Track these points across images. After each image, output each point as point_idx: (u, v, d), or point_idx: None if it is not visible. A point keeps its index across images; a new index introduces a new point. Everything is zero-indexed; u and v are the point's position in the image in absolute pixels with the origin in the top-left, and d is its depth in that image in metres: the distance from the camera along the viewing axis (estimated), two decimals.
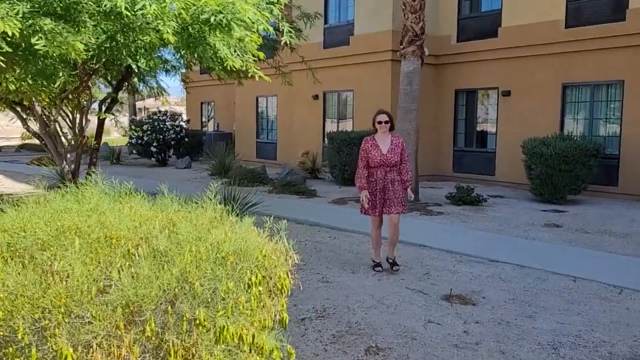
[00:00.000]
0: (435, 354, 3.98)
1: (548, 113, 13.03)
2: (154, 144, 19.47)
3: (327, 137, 15.05)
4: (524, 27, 13.27)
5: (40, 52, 5.21)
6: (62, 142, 7.93)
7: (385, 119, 6.06)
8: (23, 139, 24.05)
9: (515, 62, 13.65)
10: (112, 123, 10.08)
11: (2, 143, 30.29)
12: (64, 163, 7.74)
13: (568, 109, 12.93)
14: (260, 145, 20.11)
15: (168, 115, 20.18)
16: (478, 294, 5.38)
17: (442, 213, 9.81)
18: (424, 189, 12.36)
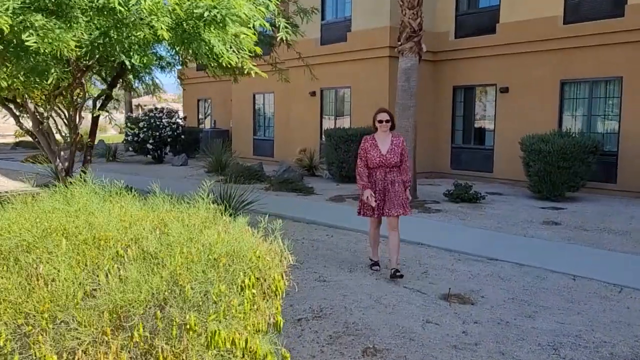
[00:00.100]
0: (434, 355, 3.91)
1: (546, 110, 12.96)
2: (150, 141, 19.36)
3: (324, 134, 14.96)
4: (522, 23, 13.18)
5: (32, 48, 5.12)
6: (55, 139, 7.84)
7: (386, 118, 5.83)
8: (16, 137, 23.83)
9: (514, 58, 13.57)
10: (108, 120, 9.97)
11: None
12: (57, 161, 7.65)
13: (566, 106, 12.86)
14: (257, 143, 20.02)
15: (164, 112, 20.06)
16: (477, 293, 5.32)
17: (440, 210, 9.74)
18: (422, 186, 12.29)
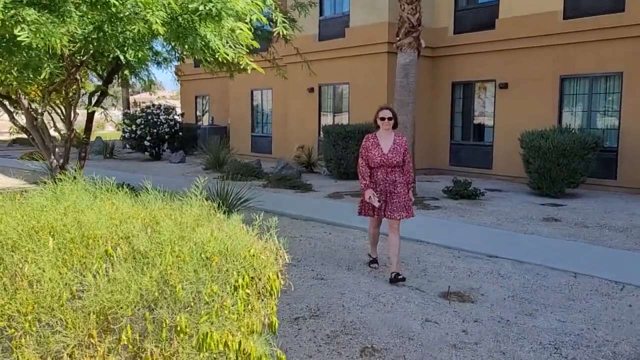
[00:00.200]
0: (433, 355, 3.84)
1: (546, 105, 12.88)
2: (148, 138, 19.24)
3: (322, 130, 14.88)
4: (522, 18, 13.08)
5: (24, 43, 5.02)
6: (50, 135, 7.75)
7: (389, 115, 5.57)
8: (10, 134, 23.60)
9: (513, 54, 13.47)
10: (103, 117, 9.89)
11: None
12: (52, 157, 7.56)
13: (566, 102, 12.78)
14: (255, 139, 19.92)
15: (162, 109, 19.94)
16: (476, 291, 5.24)
17: (439, 207, 9.67)
18: (421, 183, 12.22)
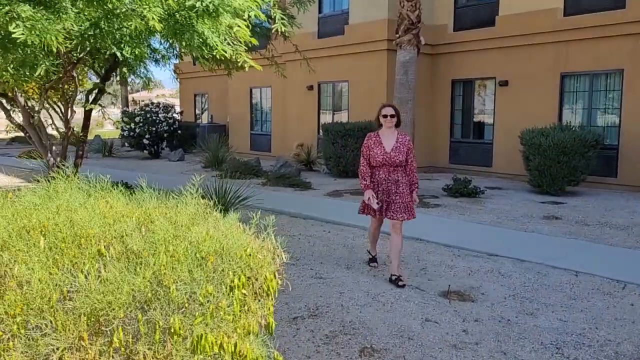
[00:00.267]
0: (433, 355, 3.78)
1: (546, 103, 12.81)
2: (147, 136, 19.17)
3: (322, 128, 14.81)
4: (522, 15, 13.02)
5: (19, 40, 4.96)
6: (46, 133, 7.69)
7: (391, 113, 5.46)
8: (7, 132, 23.46)
9: (513, 51, 13.41)
10: (101, 115, 9.81)
11: None
12: (49, 155, 7.50)
13: (566, 99, 12.72)
14: (255, 137, 19.86)
15: (161, 107, 19.86)
16: (477, 290, 5.19)
17: (438, 205, 9.61)
18: (421, 181, 12.08)
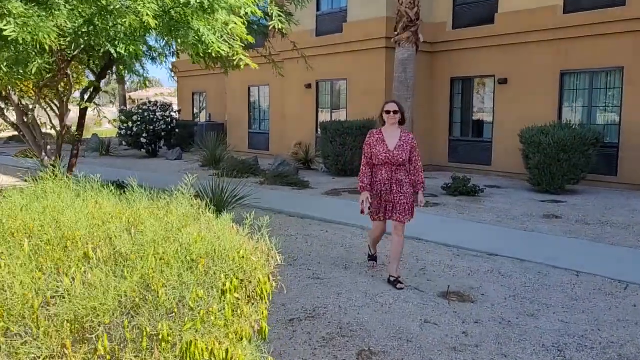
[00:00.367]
0: (433, 358, 3.70)
1: (546, 101, 12.73)
2: (144, 135, 19.06)
3: (320, 127, 14.72)
4: (521, 13, 12.93)
5: (11, 38, 4.87)
6: (41, 132, 7.59)
7: (394, 109, 5.31)
8: (1, 130, 23.29)
9: (513, 49, 13.32)
10: (99, 113, 9.71)
11: None
12: (44, 155, 7.40)
13: (566, 97, 12.63)
14: (253, 136, 19.76)
15: (158, 106, 19.76)
16: (477, 291, 5.11)
17: (437, 204, 9.53)
18: None
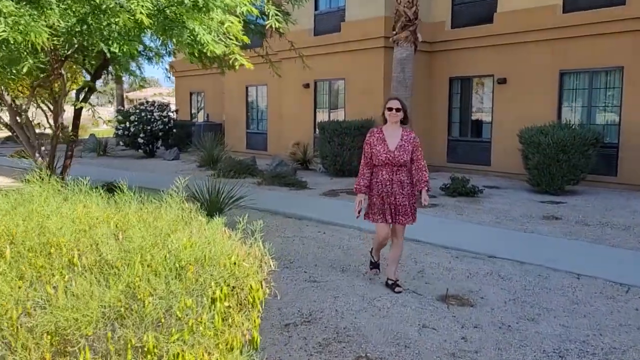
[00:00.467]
0: None
1: (545, 101, 12.65)
2: (141, 135, 18.95)
3: (318, 127, 14.63)
4: (520, 12, 12.85)
5: (1, 37, 4.78)
6: (35, 133, 7.50)
7: (397, 106, 5.03)
8: None
9: (512, 48, 13.23)
10: (100, 114, 9.61)
11: None
12: (37, 156, 7.31)
13: (566, 97, 12.55)
14: (250, 136, 19.66)
15: (155, 106, 19.66)
16: (476, 294, 5.03)
17: (436, 205, 9.44)
18: None
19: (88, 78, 10.20)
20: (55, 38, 5.93)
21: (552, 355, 3.76)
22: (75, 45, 6.63)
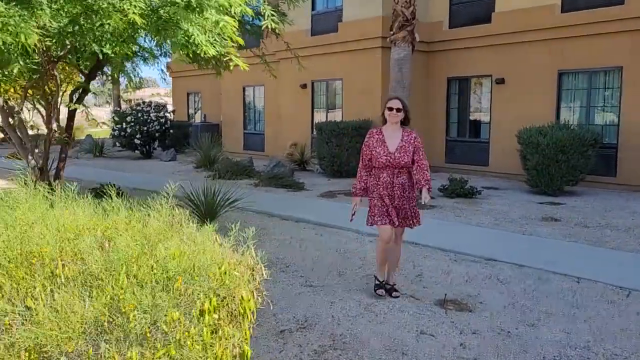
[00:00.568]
0: None
1: (544, 101, 12.58)
2: (138, 136, 18.85)
3: (315, 127, 14.55)
4: (519, 12, 12.78)
5: None
6: (28, 135, 7.41)
7: (398, 106, 4.87)
8: None
9: (510, 48, 13.16)
10: (100, 116, 9.53)
11: None
12: (30, 158, 7.22)
13: (564, 97, 12.47)
14: (248, 137, 19.57)
15: (152, 107, 19.55)
16: (474, 299, 4.94)
17: (434, 206, 9.36)
18: None
19: (83, 79, 10.12)
20: (48, 39, 5.84)
21: None
22: (68, 46, 6.54)
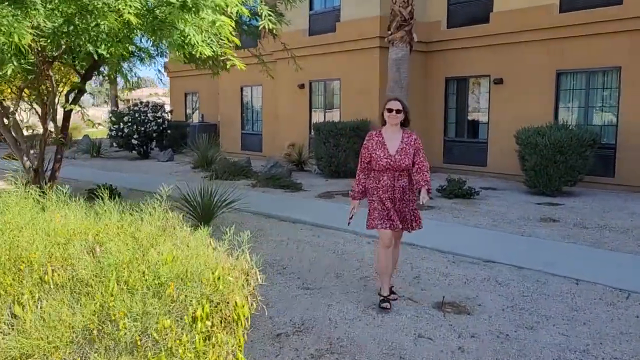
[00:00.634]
0: None
1: (542, 101, 12.55)
2: (135, 136, 18.78)
3: (313, 127, 14.50)
4: (517, 12, 12.74)
5: None
6: (23, 136, 7.35)
7: (397, 107, 4.73)
8: None
9: (508, 48, 13.13)
10: (97, 116, 9.46)
11: None
12: (25, 159, 7.16)
13: (563, 97, 12.44)
14: (245, 137, 19.52)
15: (149, 107, 19.48)
16: (473, 301, 4.90)
17: (432, 207, 9.32)
18: None
19: (79, 79, 10.04)
20: (42, 39, 5.78)
21: None
22: (63, 47, 6.48)
